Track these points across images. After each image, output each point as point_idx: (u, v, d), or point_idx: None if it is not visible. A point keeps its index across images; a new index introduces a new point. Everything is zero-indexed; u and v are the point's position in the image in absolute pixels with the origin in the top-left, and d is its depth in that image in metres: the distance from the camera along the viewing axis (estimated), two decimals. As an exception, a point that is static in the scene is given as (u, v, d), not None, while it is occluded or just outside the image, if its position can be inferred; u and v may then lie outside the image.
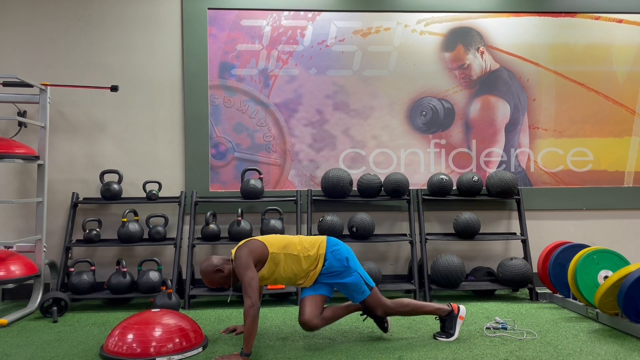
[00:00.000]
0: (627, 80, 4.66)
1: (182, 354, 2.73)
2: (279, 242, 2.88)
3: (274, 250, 2.83)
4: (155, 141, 4.40)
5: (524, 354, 2.76)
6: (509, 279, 4.01)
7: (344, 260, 2.90)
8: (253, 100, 4.45)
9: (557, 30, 4.62)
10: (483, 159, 4.57)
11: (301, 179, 4.47)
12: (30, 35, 4.32)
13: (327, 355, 2.78)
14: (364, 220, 4.11)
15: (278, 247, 2.85)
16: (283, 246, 2.86)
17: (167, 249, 4.35)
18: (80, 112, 4.36)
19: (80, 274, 3.89)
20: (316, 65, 4.48)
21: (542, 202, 4.55)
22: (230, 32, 4.44)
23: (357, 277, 2.90)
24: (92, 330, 3.29)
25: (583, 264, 3.46)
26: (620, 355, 2.74)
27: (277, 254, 2.83)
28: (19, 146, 3.74)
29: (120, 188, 4.15)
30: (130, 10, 4.40)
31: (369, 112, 4.52)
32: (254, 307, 2.60)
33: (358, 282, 2.90)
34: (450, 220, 4.50)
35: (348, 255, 2.93)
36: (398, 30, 4.54)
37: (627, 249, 4.54)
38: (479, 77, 4.58)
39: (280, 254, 2.84)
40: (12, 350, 2.92)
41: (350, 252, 2.98)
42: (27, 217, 4.27)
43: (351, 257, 2.94)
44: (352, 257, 2.95)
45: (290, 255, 2.86)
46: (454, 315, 3.03)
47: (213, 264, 2.84)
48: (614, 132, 4.64)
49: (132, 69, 4.39)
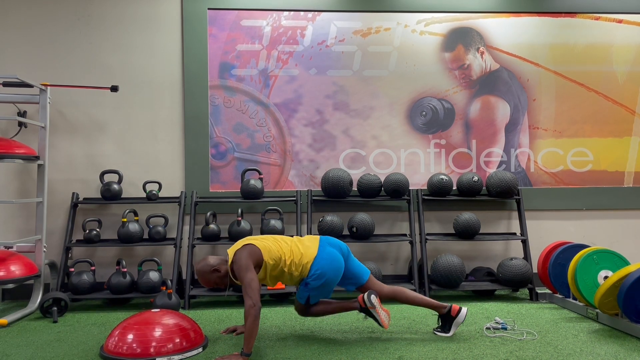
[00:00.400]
0: (627, 80, 4.66)
1: (182, 354, 2.73)
2: (273, 252, 2.90)
3: (266, 260, 2.88)
4: (155, 141, 4.40)
5: (524, 354, 2.76)
6: (509, 279, 4.01)
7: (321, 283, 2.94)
8: (253, 100, 4.45)
9: (557, 30, 4.63)
10: (483, 159, 4.57)
11: (301, 179, 4.47)
12: (30, 35, 4.32)
13: (327, 355, 2.78)
14: (364, 220, 4.11)
15: (270, 257, 2.89)
16: (276, 258, 2.89)
17: (167, 249, 4.35)
18: (80, 112, 4.36)
19: (80, 274, 3.89)
20: (316, 66, 4.48)
21: (542, 202, 4.55)
22: (230, 32, 4.44)
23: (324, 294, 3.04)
24: (92, 330, 3.29)
25: (583, 264, 3.46)
26: (620, 355, 2.74)
27: (269, 263, 2.89)
28: (19, 146, 3.74)
29: (120, 188, 4.15)
30: (130, 10, 4.40)
31: (369, 112, 4.52)
32: (255, 307, 2.61)
33: (319, 296, 3.04)
34: (450, 221, 4.50)
35: (327, 278, 2.94)
36: (398, 31, 4.54)
37: (627, 249, 4.54)
38: (479, 77, 4.58)
39: (270, 264, 2.89)
40: (12, 350, 2.92)
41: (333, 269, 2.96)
42: (27, 217, 4.27)
43: (330, 278, 2.95)
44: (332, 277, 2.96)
45: (279, 269, 2.92)
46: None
47: (210, 264, 2.87)
48: (614, 132, 4.64)
49: (132, 69, 4.39)
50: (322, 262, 2.93)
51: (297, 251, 2.95)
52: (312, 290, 2.97)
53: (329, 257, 2.95)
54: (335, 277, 2.97)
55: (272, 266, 2.89)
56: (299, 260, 2.93)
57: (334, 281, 2.98)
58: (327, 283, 2.95)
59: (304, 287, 2.99)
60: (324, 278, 2.92)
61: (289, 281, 2.98)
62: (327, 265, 2.93)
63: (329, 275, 2.94)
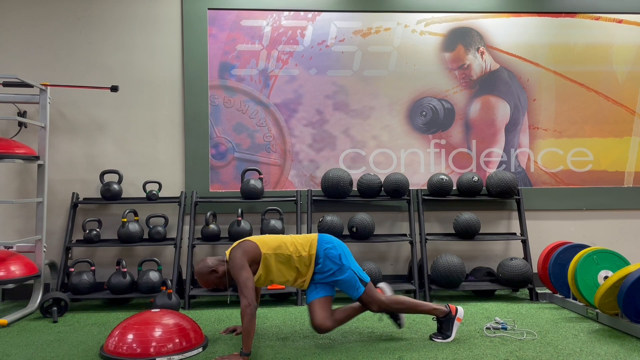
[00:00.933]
0: (627, 80, 4.66)
1: (182, 354, 2.73)
2: (272, 242, 2.87)
3: (266, 251, 2.83)
4: (155, 141, 4.40)
5: (524, 354, 2.76)
6: (509, 279, 4.01)
7: (337, 258, 2.88)
8: (253, 100, 4.45)
9: (557, 30, 4.63)
10: (483, 159, 4.57)
11: (301, 179, 4.47)
12: (30, 36, 4.32)
13: (327, 355, 2.78)
14: (364, 220, 4.11)
15: (270, 247, 2.84)
16: (275, 247, 2.85)
17: (167, 249, 4.35)
18: (80, 112, 4.36)
19: (80, 274, 3.89)
20: (316, 66, 4.48)
21: (542, 202, 4.55)
22: (230, 32, 4.44)
23: (351, 274, 2.88)
24: (92, 330, 3.29)
25: (583, 264, 3.46)
26: (620, 355, 2.74)
27: (269, 254, 2.83)
28: (19, 146, 3.74)
29: (120, 188, 4.15)
30: (130, 10, 4.41)
31: (369, 112, 4.52)
32: (250, 306, 2.61)
33: (352, 279, 2.88)
34: (450, 221, 4.50)
35: (341, 253, 2.90)
36: (398, 31, 4.54)
37: (627, 249, 4.54)
38: (479, 77, 4.58)
39: (272, 255, 2.83)
40: (12, 350, 2.92)
41: (344, 248, 2.96)
42: (27, 217, 4.27)
43: (344, 253, 2.92)
44: (345, 254, 2.93)
45: (283, 255, 2.85)
46: (451, 316, 3.01)
47: (207, 265, 2.85)
48: (614, 132, 4.64)
49: (132, 69, 4.39)
50: (327, 237, 2.94)
51: (298, 237, 2.94)
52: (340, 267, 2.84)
53: (330, 237, 2.97)
54: (347, 251, 2.94)
55: (275, 256, 2.83)
56: (302, 242, 2.90)
57: (349, 254, 2.94)
58: (345, 254, 2.89)
59: (323, 273, 2.86)
60: (339, 248, 2.89)
61: (298, 266, 2.85)
62: (334, 240, 2.94)
63: (342, 248, 2.92)
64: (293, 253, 2.86)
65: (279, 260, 2.85)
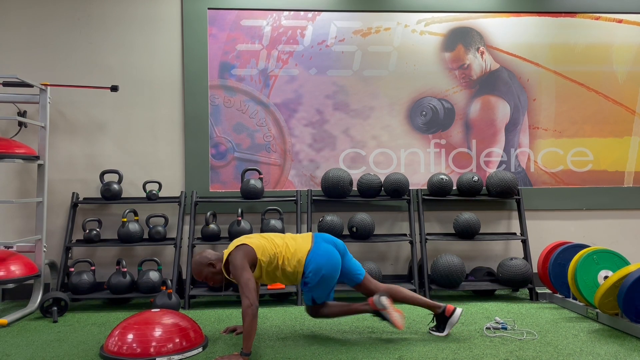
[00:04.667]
0: (627, 80, 4.66)
1: (182, 354, 2.73)
2: (266, 250, 2.90)
3: (260, 257, 2.88)
4: (155, 141, 4.40)
5: (524, 354, 2.76)
6: (509, 279, 4.01)
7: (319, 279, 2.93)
8: (253, 100, 4.45)
9: (557, 30, 4.62)
10: (483, 159, 4.57)
11: (301, 179, 4.47)
12: (30, 36, 4.32)
13: (327, 355, 2.78)
14: (364, 220, 4.11)
15: (263, 255, 2.89)
16: (268, 256, 2.89)
17: (167, 249, 4.35)
18: (80, 112, 4.36)
19: (80, 274, 3.89)
20: (316, 65, 4.48)
21: (542, 202, 4.55)
22: (230, 32, 4.44)
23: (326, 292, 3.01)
24: (92, 330, 3.29)
25: (583, 264, 3.46)
26: (620, 355, 2.74)
27: (263, 261, 2.88)
28: (19, 146, 3.74)
29: (120, 188, 4.15)
30: (130, 10, 4.40)
31: (369, 112, 4.52)
32: (252, 307, 2.62)
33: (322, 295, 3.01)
34: (450, 220, 4.50)
35: (324, 274, 2.92)
36: (398, 31, 4.54)
37: (627, 249, 4.54)
38: (479, 77, 4.58)
39: (264, 262, 2.89)
40: (12, 350, 2.92)
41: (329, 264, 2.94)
42: (27, 217, 4.27)
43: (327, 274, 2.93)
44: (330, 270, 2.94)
45: (274, 266, 2.92)
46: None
47: (207, 257, 2.91)
48: (614, 132, 4.64)
49: (132, 69, 4.39)
50: (317, 257, 2.93)
51: (290, 247, 2.95)
52: (312, 288, 2.96)
53: (324, 252, 2.94)
54: (333, 272, 2.95)
55: (267, 263, 2.89)
56: (291, 255, 2.92)
57: (333, 277, 2.96)
58: (325, 279, 2.93)
59: (304, 287, 2.99)
60: (320, 274, 2.91)
61: (283, 278, 2.96)
62: (323, 261, 2.92)
63: (326, 271, 2.92)
64: (280, 264, 2.92)
65: (269, 269, 2.93)
